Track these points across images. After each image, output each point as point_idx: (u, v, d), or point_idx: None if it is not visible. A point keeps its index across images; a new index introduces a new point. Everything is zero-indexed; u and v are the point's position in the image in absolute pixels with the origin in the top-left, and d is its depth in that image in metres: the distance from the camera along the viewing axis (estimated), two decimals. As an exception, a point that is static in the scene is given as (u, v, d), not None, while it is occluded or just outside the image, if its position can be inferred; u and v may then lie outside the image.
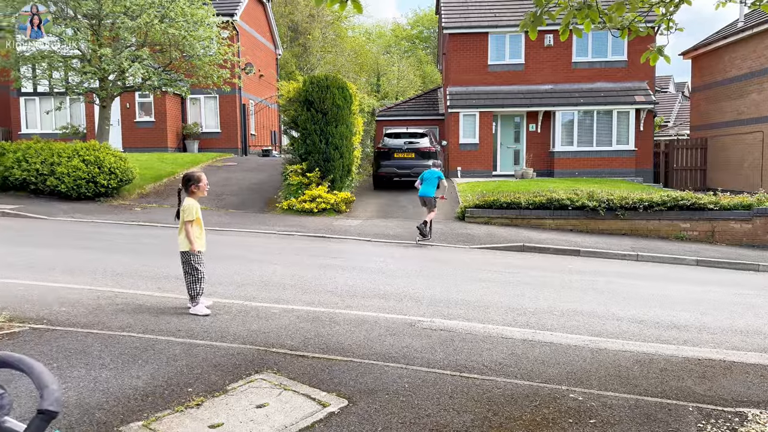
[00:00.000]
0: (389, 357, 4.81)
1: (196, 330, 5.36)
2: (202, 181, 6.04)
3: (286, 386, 4.07)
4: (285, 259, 9.40)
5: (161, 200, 15.42)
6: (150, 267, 8.26)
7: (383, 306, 6.62)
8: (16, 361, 1.76)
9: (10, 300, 6.07)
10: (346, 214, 14.83)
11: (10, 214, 12.85)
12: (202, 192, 6.06)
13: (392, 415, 3.65)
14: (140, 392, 3.91)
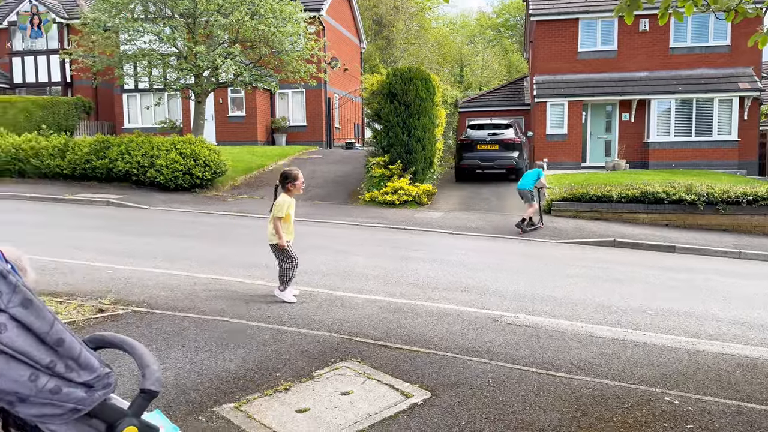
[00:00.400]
0: (472, 351, 4.76)
1: (284, 317, 5.54)
2: (299, 179, 6.15)
3: (369, 375, 4.12)
4: (367, 251, 9.51)
5: (251, 191, 16.02)
6: (241, 255, 8.61)
7: (465, 299, 6.56)
8: (120, 342, 1.88)
9: (114, 284, 6.53)
10: (427, 206, 14.80)
11: (114, 203, 13.79)
12: (297, 190, 6.19)
13: (476, 410, 3.61)
14: (232, 375, 4.09)
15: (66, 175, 16.10)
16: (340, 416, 3.49)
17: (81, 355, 1.48)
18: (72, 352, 1.46)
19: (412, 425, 3.38)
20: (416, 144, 15.12)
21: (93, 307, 5.50)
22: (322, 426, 3.36)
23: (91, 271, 7.10)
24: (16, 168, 16.29)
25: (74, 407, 1.47)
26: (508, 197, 15.87)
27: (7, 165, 16.25)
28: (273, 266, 7.89)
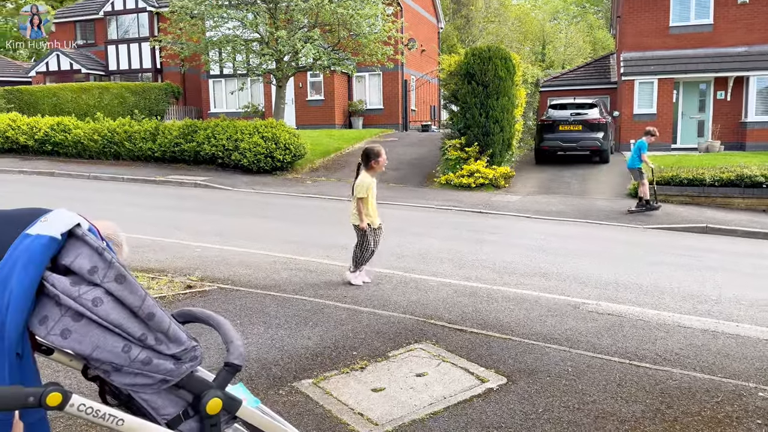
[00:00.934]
0: (551, 338, 4.65)
1: (360, 297, 5.62)
2: (381, 156, 6.00)
3: (444, 358, 4.11)
4: (442, 234, 9.46)
5: (329, 174, 16.30)
6: (319, 236, 8.80)
7: (544, 285, 6.40)
8: (206, 318, 1.96)
9: (202, 262, 6.84)
10: (504, 190, 14.52)
11: (201, 185, 14.43)
12: (380, 167, 6.03)
13: (554, 398, 3.53)
14: (311, 352, 4.20)
15: (156, 157, 17.00)
16: (415, 397, 3.51)
17: (170, 328, 1.56)
18: (162, 326, 1.54)
19: (488, 410, 3.35)
20: (494, 125, 14.82)
21: (182, 283, 5.81)
22: (397, 406, 3.39)
23: (181, 248, 7.48)
24: (111, 151, 17.37)
25: (163, 378, 1.55)
26: (591, 180, 15.30)
27: (104, 148, 17.35)
28: (349, 248, 8.03)
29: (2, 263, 1.47)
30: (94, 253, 1.46)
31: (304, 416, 3.24)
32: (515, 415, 3.30)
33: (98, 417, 1.43)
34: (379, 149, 6.03)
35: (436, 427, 3.14)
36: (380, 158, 5.98)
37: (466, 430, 3.12)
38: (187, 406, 1.64)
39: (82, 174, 15.36)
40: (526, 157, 18.33)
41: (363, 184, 5.95)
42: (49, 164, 16.82)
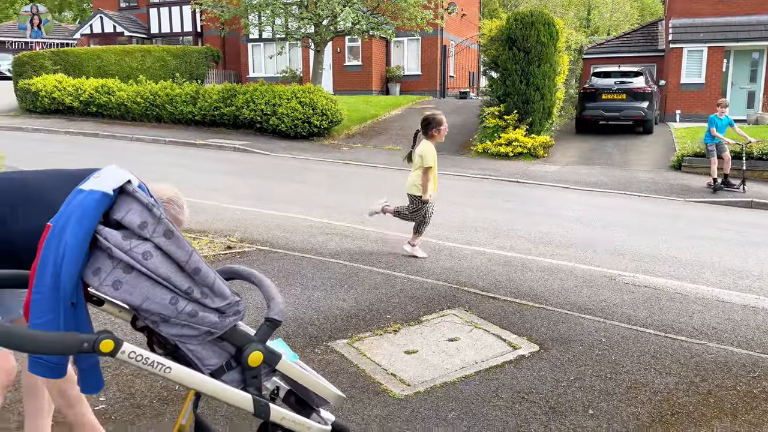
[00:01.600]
0: (585, 309, 4.63)
1: (394, 263, 5.68)
2: (443, 125, 5.70)
3: (476, 324, 4.15)
4: (478, 203, 9.41)
5: (365, 141, 16.28)
6: (354, 202, 8.86)
7: (580, 256, 6.34)
8: (248, 275, 2.03)
9: (241, 224, 6.99)
10: (543, 160, 14.29)
11: (240, 149, 14.61)
12: (441, 136, 5.75)
13: (586, 367, 3.54)
14: (345, 313, 4.29)
15: (197, 121, 17.25)
16: (447, 361, 3.57)
17: (215, 283, 1.62)
18: (207, 281, 1.60)
19: (519, 376, 3.39)
20: (534, 93, 14.52)
21: (222, 243, 5.96)
22: (429, 368, 3.46)
23: (220, 210, 7.65)
24: (153, 114, 17.68)
25: (208, 330, 1.63)
26: (633, 151, 14.93)
27: (147, 111, 17.67)
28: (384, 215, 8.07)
29: (57, 217, 1.54)
30: (144, 208, 1.52)
31: (338, 374, 3.33)
32: (546, 381, 3.33)
33: (147, 364, 1.51)
34: (441, 117, 5.74)
35: (467, 390, 3.19)
36: (442, 126, 5.70)
37: (497, 394, 3.17)
38: (230, 357, 1.71)
39: (125, 136, 15.71)
40: (566, 127, 17.95)
41: (429, 152, 5.63)
42: (93, 126, 17.24)
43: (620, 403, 3.13)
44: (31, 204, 1.84)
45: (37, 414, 2.29)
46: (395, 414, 2.93)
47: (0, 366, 1.98)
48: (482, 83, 20.19)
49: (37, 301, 1.49)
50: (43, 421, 2.30)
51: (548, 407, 3.05)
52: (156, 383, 3.16)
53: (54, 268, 1.48)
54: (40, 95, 18.75)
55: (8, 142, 13.00)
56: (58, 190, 1.82)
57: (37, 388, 2.26)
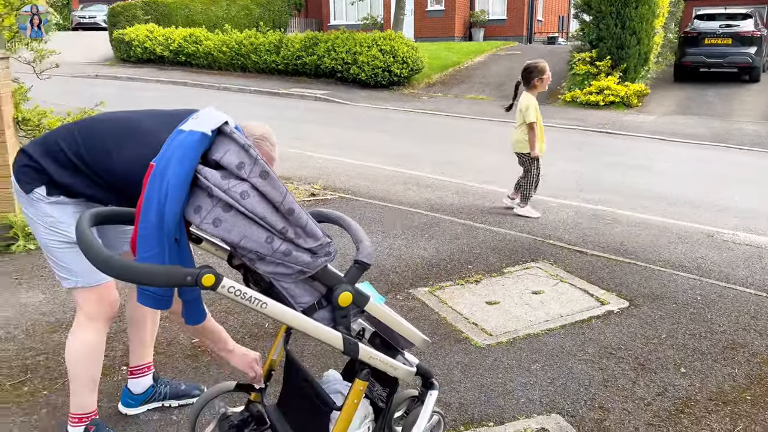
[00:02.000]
0: (679, 266, 4.40)
1: (475, 214, 5.60)
2: (545, 72, 5.35)
3: (562, 278, 4.05)
4: (564, 155, 9.05)
5: (446, 90, 15.95)
6: (434, 153, 8.77)
7: (675, 212, 6.00)
8: (337, 218, 2.05)
9: (323, 172, 7.10)
10: (636, 109, 13.48)
11: (321, 98, 14.72)
12: (544, 86, 5.43)
13: (679, 325, 3.38)
14: (426, 262, 4.30)
15: (280, 70, 17.47)
16: (530, 313, 3.51)
17: (307, 224, 1.64)
18: (300, 221, 1.62)
19: (606, 331, 3.29)
20: (630, 37, 13.59)
21: (306, 191, 6.08)
22: (512, 320, 3.42)
23: (304, 159, 7.79)
24: (238, 63, 18.06)
25: (301, 269, 1.66)
26: (736, 101, 13.80)
27: (232, 60, 18.08)
28: (463, 165, 7.95)
29: (159, 157, 1.60)
30: (241, 149, 1.54)
31: (420, 321, 3.36)
32: (636, 338, 3.21)
33: (245, 299, 1.57)
34: (543, 65, 5.38)
35: (551, 343, 3.14)
36: (545, 75, 5.35)
37: (582, 348, 3.10)
38: (321, 297, 1.74)
39: (212, 85, 16.19)
40: (664, 74, 16.77)
41: (530, 105, 5.32)
42: (182, 75, 17.86)
43: (715, 363, 2.98)
44: (133, 138, 1.95)
45: (141, 343, 2.46)
46: (477, 362, 2.94)
47: (105, 299, 2.12)
48: (572, 27, 19.13)
49: (143, 237, 1.56)
50: (146, 350, 2.47)
51: (637, 364, 2.95)
52: (247, 320, 3.31)
53: (158, 205, 1.54)
54: (132, 45, 19.56)
55: (107, 90, 13.72)
56: (159, 127, 1.91)
57: (140, 320, 2.41)
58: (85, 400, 2.15)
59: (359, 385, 1.79)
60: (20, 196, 2.03)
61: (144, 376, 2.47)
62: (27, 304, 3.46)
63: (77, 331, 2.11)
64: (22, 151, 2.02)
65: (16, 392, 2.59)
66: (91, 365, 2.13)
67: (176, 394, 2.52)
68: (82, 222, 1.51)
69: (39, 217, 2.01)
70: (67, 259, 2.04)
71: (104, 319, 2.13)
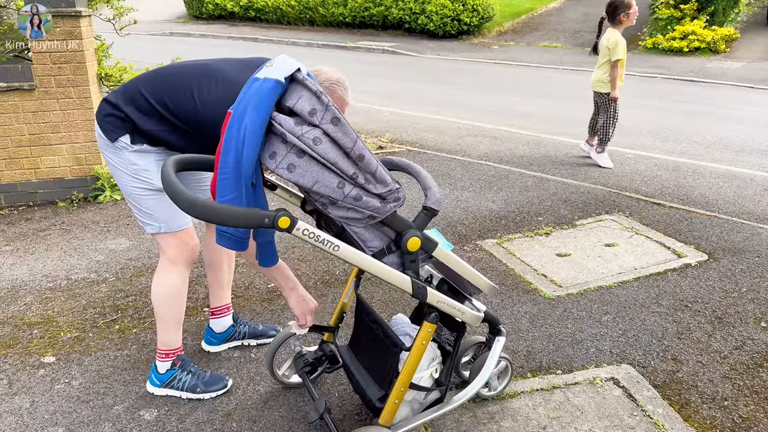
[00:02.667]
0: (765, 218, 4.17)
1: (546, 166, 5.47)
2: (632, 7, 5.05)
3: (637, 231, 3.93)
4: (645, 104, 8.62)
5: (518, 38, 15.39)
6: (503, 104, 8.55)
7: (761, 163, 5.64)
8: (407, 166, 2.06)
9: (391, 125, 7.09)
10: (725, 55, 12.56)
11: (389, 51, 14.55)
12: (631, 21, 5.13)
13: (762, 279, 3.23)
14: (494, 214, 4.27)
15: (347, 23, 17.35)
16: (603, 266, 3.44)
17: (377, 170, 1.66)
18: (370, 167, 1.65)
19: (683, 284, 3.19)
20: (720, -23, 12.58)
21: (374, 144, 6.11)
22: (583, 272, 3.37)
23: (372, 112, 7.79)
24: (307, 17, 18.06)
25: (371, 214, 1.70)
26: (841, 43, 12.60)
27: (300, 14, 18.08)
28: (535, 116, 7.73)
29: (236, 105, 1.65)
30: (313, 96, 1.57)
31: (487, 271, 3.37)
32: (714, 291, 3.10)
33: (318, 242, 1.63)
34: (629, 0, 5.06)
35: (623, 295, 3.08)
36: (631, 10, 5.06)
37: (657, 300, 3.02)
38: (390, 242, 1.78)
39: (282, 40, 16.31)
40: (756, 17, 15.45)
41: (618, 42, 5.06)
42: (252, 30, 18.06)
43: (801, 320, 2.85)
44: (214, 83, 2.01)
45: (220, 285, 2.59)
46: (546, 312, 2.93)
47: (187, 244, 2.22)
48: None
49: (222, 181, 1.64)
50: (224, 292, 2.61)
51: (714, 317, 2.86)
52: (319, 268, 3.43)
53: (236, 151, 1.60)
54: (204, 1, 19.87)
55: (181, 48, 14.09)
56: (236, 73, 1.97)
57: (217, 263, 2.54)
58: (170, 338, 2.30)
59: (427, 327, 1.84)
60: (105, 145, 2.11)
61: (224, 316, 2.62)
62: (115, 250, 3.71)
63: (161, 274, 2.23)
64: (105, 100, 2.09)
65: (108, 330, 2.81)
66: (175, 306, 2.25)
67: (254, 333, 2.67)
68: (167, 167, 1.60)
69: (123, 165, 2.09)
70: (151, 205, 2.13)
71: (185, 262, 2.23)
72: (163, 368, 2.31)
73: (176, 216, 2.16)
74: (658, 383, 2.37)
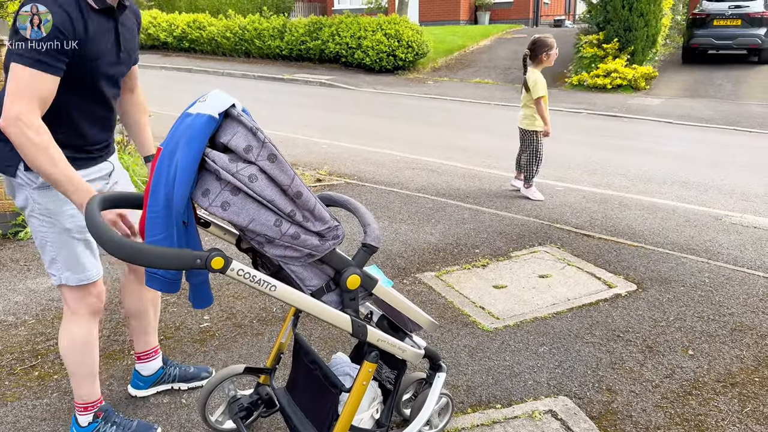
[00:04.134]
0: (688, 249, 4.39)
1: (482, 198, 5.59)
2: (553, 48, 5.33)
3: (569, 262, 4.04)
4: (571, 139, 9.00)
5: (451, 74, 15.85)
6: (439, 138, 8.73)
7: (682, 195, 5.97)
8: (344, 202, 2.04)
9: (329, 157, 7.08)
10: (644, 92, 13.36)
11: (326, 84, 14.65)
12: (550, 61, 5.39)
13: (687, 308, 3.38)
14: (433, 247, 4.30)
15: (284, 55, 17.39)
16: (537, 297, 3.51)
17: (315, 207, 1.63)
18: (308, 205, 1.62)
19: (614, 314, 3.29)
20: (638, 19, 13.45)
21: (312, 176, 6.08)
22: (519, 303, 3.42)
23: (309, 144, 7.77)
24: (242, 48, 17.98)
25: (309, 252, 1.66)
26: (745, 83, 13.66)
27: (236, 45, 17.99)
28: (470, 150, 7.92)
29: (167, 140, 1.59)
30: (248, 132, 1.54)
31: (427, 305, 3.37)
32: (644, 321, 3.21)
33: (254, 282, 1.57)
34: (550, 40, 5.34)
35: (559, 326, 3.14)
36: (552, 50, 5.32)
37: (590, 331, 3.10)
38: (329, 280, 1.75)
39: (217, 71, 16.13)
40: (671, 56, 16.60)
41: (537, 81, 5.28)
42: (186, 61, 17.80)
43: (723, 345, 2.98)
44: None
45: (145, 332, 2.45)
46: (484, 345, 2.94)
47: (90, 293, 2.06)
48: (579, 10, 18.92)
49: (152, 220, 1.56)
50: (149, 337, 2.46)
51: (645, 346, 2.95)
52: (255, 305, 3.33)
53: (166, 188, 1.54)
54: (137, 32, 19.46)
55: (112, 78, 13.69)
56: None
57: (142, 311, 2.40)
58: (86, 392, 2.14)
59: (368, 367, 1.80)
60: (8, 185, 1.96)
61: (152, 360, 2.48)
62: (36, 290, 3.49)
63: (65, 326, 2.07)
64: None
65: (27, 376, 2.61)
66: (85, 358, 2.09)
67: (185, 376, 2.54)
68: (91, 205, 1.52)
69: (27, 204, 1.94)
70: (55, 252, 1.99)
71: (89, 312, 2.08)
72: (84, 421, 2.15)
73: (83, 267, 2.02)
74: (594, 414, 2.41)
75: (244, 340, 2.95)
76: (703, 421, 2.39)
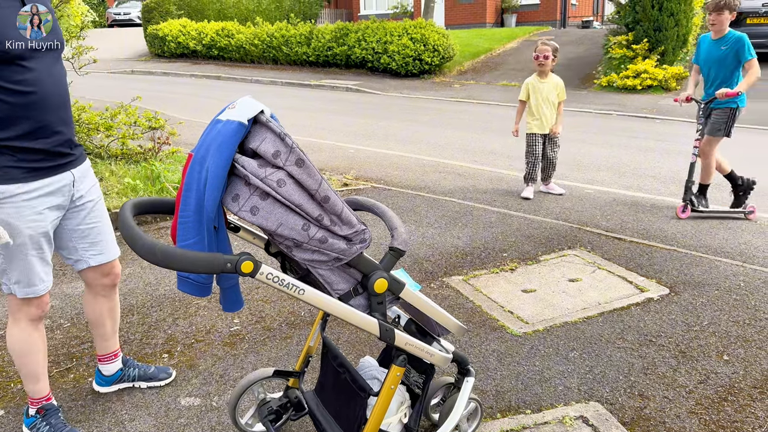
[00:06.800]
0: (722, 252, 4.28)
1: (510, 202, 5.55)
2: (534, 52, 5.78)
3: (600, 265, 3.98)
4: (601, 140, 8.88)
5: (478, 77, 15.79)
6: (466, 141, 8.69)
7: (717, 197, 5.84)
8: (372, 206, 2.05)
9: (355, 162, 7.11)
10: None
11: (352, 89, 14.73)
12: (535, 66, 5.81)
13: (721, 312, 3.30)
14: (460, 251, 4.28)
15: (311, 62, 17.53)
16: (567, 301, 3.47)
17: (343, 212, 1.65)
18: (335, 209, 1.63)
19: (646, 318, 3.23)
20: (668, 19, 13.21)
21: (339, 181, 6.11)
22: (549, 308, 3.39)
23: (336, 149, 7.81)
24: (270, 55, 18.20)
25: (337, 256, 1.67)
26: (781, 82, 13.29)
27: (264, 53, 18.22)
28: (497, 153, 7.87)
29: (198, 146, 1.62)
30: (276, 138, 1.56)
31: (454, 309, 3.35)
32: (676, 325, 3.15)
33: (282, 285, 1.59)
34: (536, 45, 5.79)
35: (589, 331, 3.10)
36: (533, 54, 5.80)
37: (622, 335, 3.05)
38: (357, 284, 1.75)
39: (245, 78, 16.35)
40: (702, 56, 16.22)
41: (522, 86, 5.93)
42: (215, 68, 18.08)
43: (760, 350, 2.90)
44: None
45: (104, 338, 2.55)
46: (513, 349, 2.92)
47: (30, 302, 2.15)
48: (608, 10, 18.68)
49: (183, 225, 1.59)
50: (108, 343, 2.56)
51: (678, 351, 2.89)
52: (284, 309, 3.36)
53: (197, 194, 1.56)
54: (166, 40, 19.86)
55: (142, 86, 13.99)
56: None
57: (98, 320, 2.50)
58: (33, 389, 2.26)
59: (396, 371, 1.80)
60: None
61: (111, 363, 2.58)
62: (71, 294, 3.57)
63: (8, 328, 2.20)
64: None
65: (63, 379, 2.68)
66: (24, 359, 2.20)
67: (145, 376, 2.63)
68: (124, 211, 1.55)
69: None
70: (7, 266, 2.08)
71: (27, 319, 2.19)
72: (32, 411, 2.29)
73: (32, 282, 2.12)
74: (626, 420, 2.37)
75: (273, 343, 2.97)
76: (739, 428, 2.33)
